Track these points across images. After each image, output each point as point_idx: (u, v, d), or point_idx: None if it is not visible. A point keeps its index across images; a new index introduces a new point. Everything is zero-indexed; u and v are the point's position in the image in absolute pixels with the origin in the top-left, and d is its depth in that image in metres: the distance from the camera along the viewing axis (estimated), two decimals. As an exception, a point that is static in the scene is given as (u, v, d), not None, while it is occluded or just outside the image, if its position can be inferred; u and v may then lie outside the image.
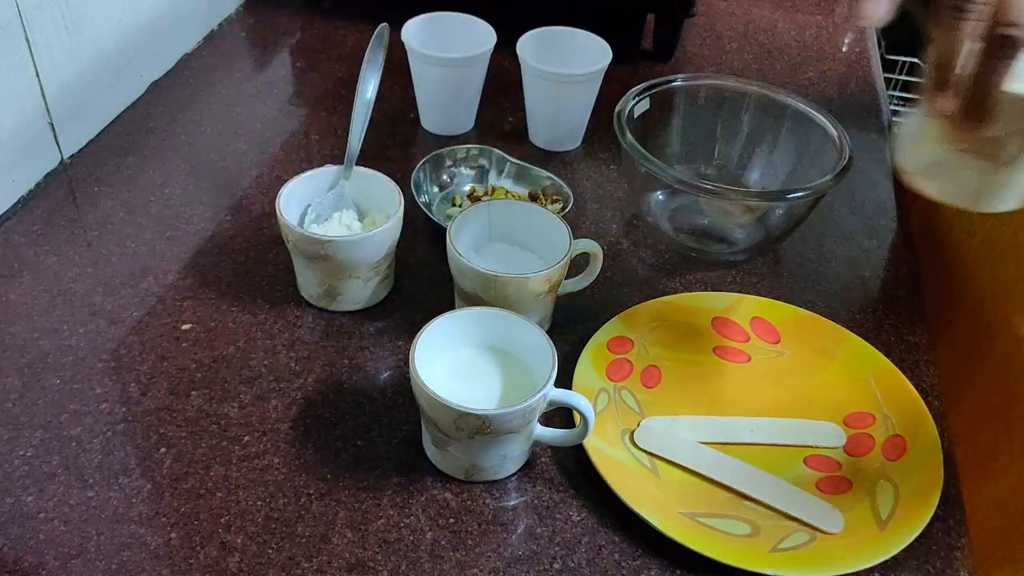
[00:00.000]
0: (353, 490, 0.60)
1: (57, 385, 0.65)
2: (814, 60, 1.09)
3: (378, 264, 0.70)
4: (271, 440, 0.63)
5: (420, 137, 0.92)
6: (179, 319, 0.71)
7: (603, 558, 0.57)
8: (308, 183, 0.72)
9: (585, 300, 0.74)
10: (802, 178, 0.82)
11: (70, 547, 0.56)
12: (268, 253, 0.77)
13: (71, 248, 0.76)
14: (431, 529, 0.58)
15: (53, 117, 0.82)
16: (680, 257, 0.80)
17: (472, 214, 0.71)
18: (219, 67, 1.00)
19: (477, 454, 0.59)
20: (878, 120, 1.01)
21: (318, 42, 1.05)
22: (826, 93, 1.04)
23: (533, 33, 0.88)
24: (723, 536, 0.58)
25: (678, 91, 0.85)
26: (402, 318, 0.72)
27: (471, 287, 0.67)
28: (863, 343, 0.70)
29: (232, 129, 0.91)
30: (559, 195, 0.81)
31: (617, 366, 0.68)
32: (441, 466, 0.61)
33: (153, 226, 0.79)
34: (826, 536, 0.59)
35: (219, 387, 0.66)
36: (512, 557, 0.57)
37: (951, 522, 0.60)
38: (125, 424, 0.63)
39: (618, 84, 0.87)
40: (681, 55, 1.08)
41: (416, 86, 0.91)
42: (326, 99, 0.96)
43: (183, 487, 0.59)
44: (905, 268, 0.81)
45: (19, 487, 0.59)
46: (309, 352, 0.69)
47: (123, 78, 0.91)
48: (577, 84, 0.87)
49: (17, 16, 0.75)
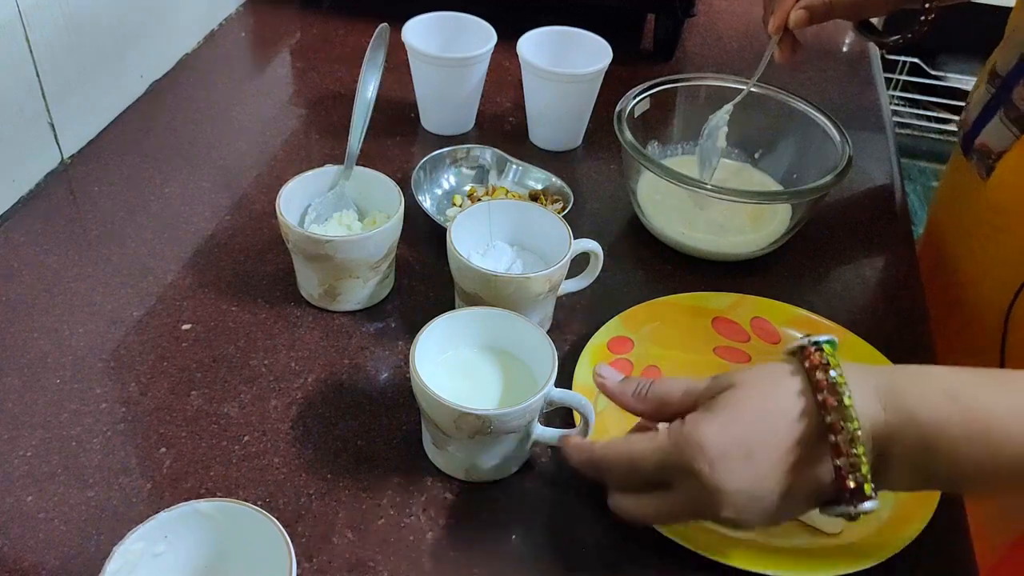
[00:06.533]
0: (353, 490, 0.60)
1: (57, 385, 0.65)
2: (814, 60, 1.09)
3: (378, 264, 0.70)
4: (271, 440, 0.63)
5: (420, 137, 0.92)
6: (179, 319, 0.71)
7: (603, 558, 0.57)
8: (308, 183, 0.72)
9: (585, 300, 0.74)
10: (802, 178, 0.82)
11: (70, 547, 0.56)
12: (268, 253, 0.77)
13: (71, 248, 0.76)
14: (431, 529, 0.58)
15: (53, 117, 0.82)
16: (680, 257, 0.80)
17: (472, 214, 0.71)
18: (219, 67, 1.00)
19: (477, 454, 0.59)
20: (878, 120, 1.01)
21: (318, 42, 1.05)
22: (826, 93, 1.04)
23: (533, 33, 0.88)
24: (723, 536, 0.58)
25: (678, 91, 0.85)
26: (402, 318, 0.72)
27: (471, 287, 0.67)
28: (863, 343, 0.70)
29: (232, 129, 0.91)
30: (559, 195, 0.81)
31: (617, 366, 0.68)
32: (441, 466, 0.61)
33: (153, 226, 0.79)
34: (826, 536, 0.59)
35: (219, 387, 0.66)
36: (512, 557, 0.57)
37: (951, 523, 0.60)
38: (125, 424, 0.63)
39: (618, 84, 0.87)
40: (681, 55, 1.08)
41: (416, 86, 0.91)
42: (326, 99, 0.96)
43: (183, 487, 0.59)
44: (905, 268, 0.81)
45: (19, 487, 0.59)
46: (309, 352, 0.69)
47: (123, 78, 0.91)
48: (577, 84, 0.87)
49: (17, 16, 0.75)
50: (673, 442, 0.49)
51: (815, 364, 0.48)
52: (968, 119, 0.79)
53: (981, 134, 0.76)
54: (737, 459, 0.48)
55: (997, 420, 0.47)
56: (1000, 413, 0.47)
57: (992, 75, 0.76)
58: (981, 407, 0.47)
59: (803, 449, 0.48)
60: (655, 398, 0.54)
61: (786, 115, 0.84)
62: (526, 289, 0.65)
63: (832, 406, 0.47)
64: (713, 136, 0.81)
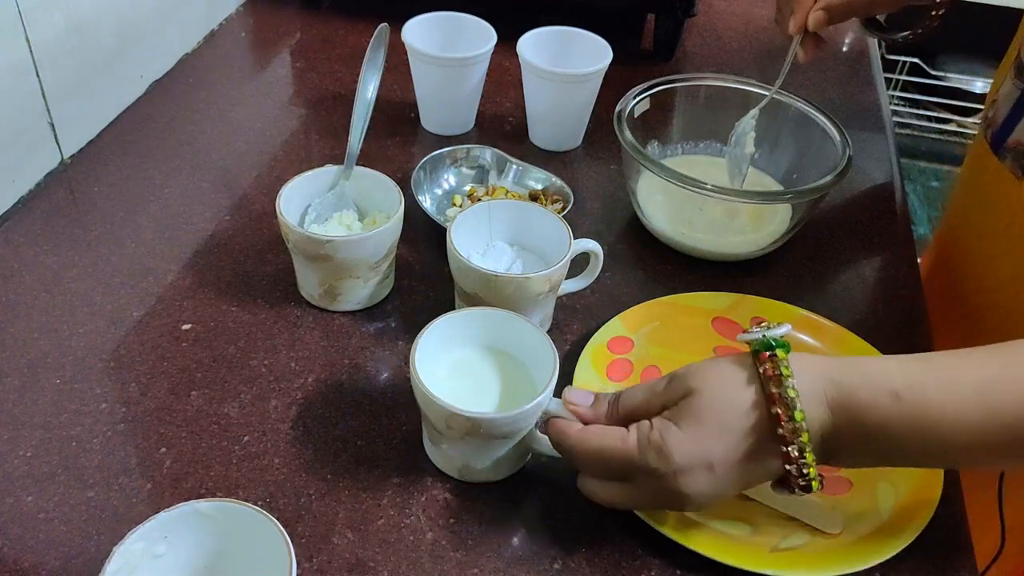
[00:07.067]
0: (353, 490, 0.60)
1: (57, 385, 0.65)
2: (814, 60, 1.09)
3: (378, 264, 0.70)
4: (271, 440, 0.63)
5: (420, 137, 0.92)
6: (179, 319, 0.71)
7: (603, 558, 0.57)
8: (308, 183, 0.72)
9: (585, 300, 0.74)
10: (802, 178, 0.82)
11: (70, 547, 0.56)
12: (268, 253, 0.77)
13: (71, 248, 0.76)
14: (431, 529, 0.58)
15: (53, 117, 0.82)
16: (680, 257, 0.80)
17: (472, 214, 0.71)
18: (219, 67, 1.00)
19: (469, 455, 0.59)
20: (878, 120, 1.01)
21: (318, 42, 1.05)
22: (826, 93, 1.04)
23: (533, 33, 0.88)
24: (723, 536, 0.58)
25: (678, 91, 0.85)
26: (402, 318, 0.72)
27: (471, 287, 0.67)
28: (863, 343, 0.70)
29: (232, 129, 0.91)
30: (559, 195, 0.81)
31: (617, 366, 0.68)
32: (438, 463, 0.61)
33: (153, 226, 0.79)
34: (826, 536, 0.59)
35: (219, 387, 0.66)
36: (512, 557, 0.57)
37: (951, 522, 0.60)
38: (125, 424, 0.63)
39: (618, 84, 0.87)
40: (681, 55, 1.08)
41: (416, 86, 0.91)
42: (326, 99, 0.96)
43: (183, 487, 0.59)
44: (905, 268, 0.81)
45: (19, 487, 0.59)
46: (309, 352, 0.69)
47: (123, 78, 0.91)
48: (577, 84, 0.87)
49: (17, 16, 0.75)
50: (642, 448, 0.53)
51: (769, 375, 0.52)
52: (997, 117, 0.76)
53: (1014, 131, 0.73)
54: (700, 469, 0.53)
55: (936, 409, 0.50)
56: (940, 402, 0.50)
57: (1018, 68, 0.73)
58: (925, 403, 0.51)
59: (757, 452, 0.53)
60: (625, 413, 0.57)
61: (786, 115, 0.84)
62: (526, 289, 0.65)
63: (784, 417, 0.51)
64: (741, 143, 0.81)
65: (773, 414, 0.52)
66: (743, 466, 0.53)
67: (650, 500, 0.56)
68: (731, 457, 0.53)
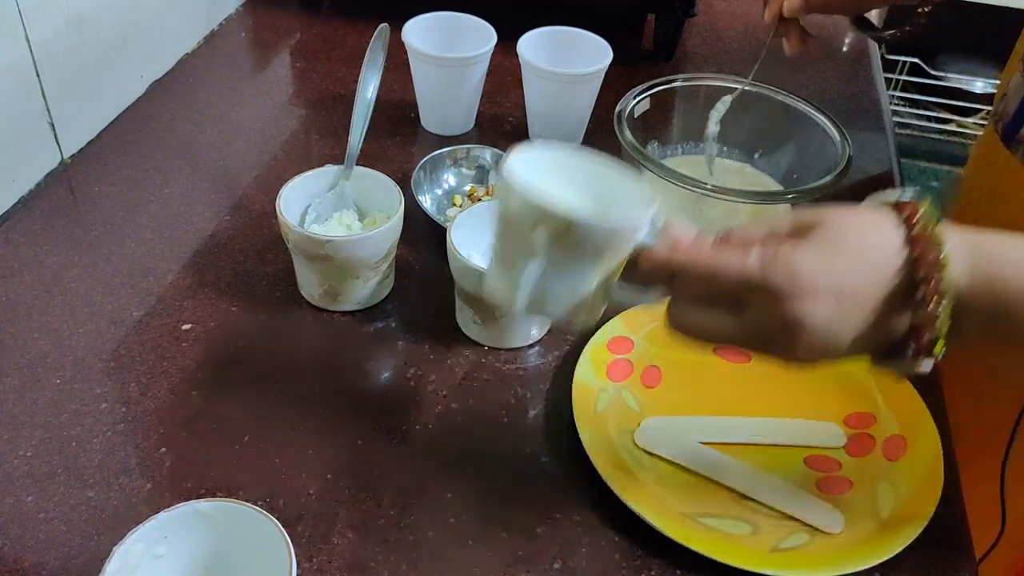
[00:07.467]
0: (353, 490, 0.60)
1: (57, 385, 0.65)
2: (814, 60, 1.09)
3: (378, 264, 0.70)
4: (271, 440, 0.63)
5: (420, 137, 0.92)
6: (179, 319, 0.71)
7: (603, 558, 0.57)
8: (308, 183, 0.72)
9: (585, 300, 0.74)
10: (802, 178, 0.82)
11: (70, 547, 0.56)
12: (268, 253, 0.77)
13: (71, 248, 0.76)
14: (431, 529, 0.58)
15: (53, 117, 0.82)
16: (680, 257, 0.80)
17: (472, 214, 0.71)
18: (219, 67, 1.00)
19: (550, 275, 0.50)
20: (878, 120, 1.01)
21: (318, 42, 1.05)
22: (826, 93, 1.04)
23: (533, 33, 0.88)
24: (723, 536, 0.58)
25: (678, 91, 0.85)
26: (402, 318, 0.72)
27: (471, 287, 0.67)
28: (863, 343, 0.70)
29: (232, 129, 0.91)
30: (559, 195, 0.81)
31: (617, 366, 0.68)
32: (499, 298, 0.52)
33: (153, 226, 0.79)
34: (826, 536, 0.59)
35: (219, 387, 0.66)
36: (512, 557, 0.57)
37: (951, 522, 0.60)
38: (125, 424, 0.63)
39: (618, 84, 0.87)
40: (681, 55, 1.08)
41: (416, 86, 0.91)
42: (326, 99, 0.96)
43: (183, 487, 0.59)
44: (905, 268, 0.81)
45: (19, 487, 0.59)
46: (309, 352, 0.69)
47: (123, 78, 0.91)
48: (577, 84, 0.87)
49: (17, 16, 0.75)
50: (765, 263, 0.47)
51: (916, 218, 0.47)
52: (1007, 109, 0.75)
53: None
54: (827, 296, 0.46)
55: None
56: None
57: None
58: None
59: (889, 298, 0.47)
60: (739, 243, 0.50)
61: (786, 115, 0.84)
62: (526, 289, 0.65)
63: (929, 261, 0.46)
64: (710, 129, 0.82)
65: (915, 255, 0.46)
66: (870, 308, 0.47)
67: (755, 334, 0.49)
68: (861, 293, 0.46)
